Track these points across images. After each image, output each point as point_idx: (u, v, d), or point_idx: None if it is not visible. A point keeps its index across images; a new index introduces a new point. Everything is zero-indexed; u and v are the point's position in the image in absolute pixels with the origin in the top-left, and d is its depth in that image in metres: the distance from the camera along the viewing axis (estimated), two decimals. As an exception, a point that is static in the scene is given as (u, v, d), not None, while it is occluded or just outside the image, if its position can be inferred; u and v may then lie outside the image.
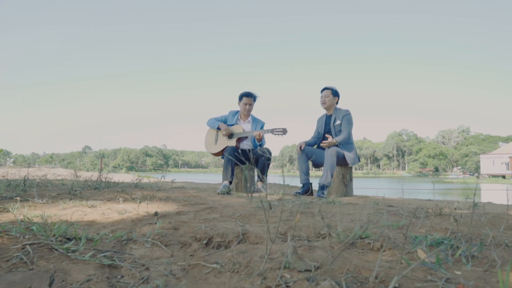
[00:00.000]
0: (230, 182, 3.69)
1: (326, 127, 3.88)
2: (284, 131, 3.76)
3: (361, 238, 1.44)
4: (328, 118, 3.90)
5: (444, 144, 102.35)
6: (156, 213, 2.06)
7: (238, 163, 3.98)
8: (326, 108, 3.88)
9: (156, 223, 1.87)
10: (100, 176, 3.65)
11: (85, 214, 2.11)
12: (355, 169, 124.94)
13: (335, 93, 3.86)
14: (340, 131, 3.70)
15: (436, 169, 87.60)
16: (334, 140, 3.60)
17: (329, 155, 3.46)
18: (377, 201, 3.25)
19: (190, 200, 2.80)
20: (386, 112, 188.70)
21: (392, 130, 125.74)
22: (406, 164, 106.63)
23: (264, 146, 4.12)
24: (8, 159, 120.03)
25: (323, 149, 3.69)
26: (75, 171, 4.40)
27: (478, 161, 70.33)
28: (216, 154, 4.06)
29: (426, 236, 1.42)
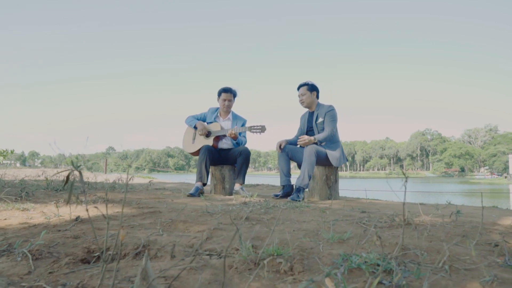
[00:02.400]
0: (204, 184, 3.43)
1: (309, 125, 3.56)
2: (262, 129, 3.47)
3: (273, 256, 1.15)
4: (310, 115, 3.57)
5: (471, 144, 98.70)
6: (77, 218, 1.83)
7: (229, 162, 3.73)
8: (307, 107, 3.55)
9: (67, 230, 1.64)
10: (69, 175, 3.46)
11: (5, 219, 1.91)
12: (378, 169, 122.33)
13: (312, 88, 3.52)
14: (323, 129, 3.37)
15: (462, 169, 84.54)
16: (312, 138, 3.27)
17: (307, 154, 3.13)
18: (359, 205, 2.92)
19: (144, 203, 2.56)
20: (410, 112, 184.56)
21: (416, 130, 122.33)
22: (431, 164, 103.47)
23: (245, 145, 3.85)
24: (36, 159, 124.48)
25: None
26: (42, 172, 4.24)
27: (507, 161, 67.39)
28: (193, 154, 3.81)
29: (351, 255, 1.11)
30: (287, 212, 2.22)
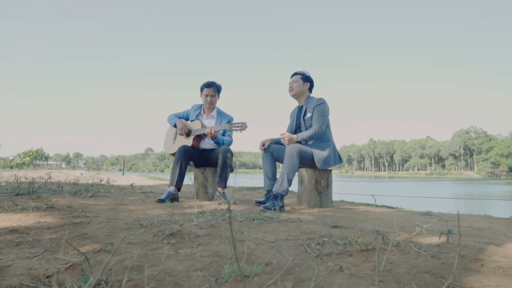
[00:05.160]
0: (179, 189, 3.08)
1: (297, 121, 3.11)
2: (243, 126, 3.07)
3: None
4: (300, 110, 3.12)
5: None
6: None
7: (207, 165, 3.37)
8: (295, 96, 3.10)
9: None
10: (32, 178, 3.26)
11: None
12: (418, 169, 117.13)
13: (306, 78, 3.07)
14: (311, 125, 2.92)
15: (511, 169, 78.80)
16: (294, 136, 2.83)
17: (288, 155, 2.69)
18: (347, 215, 2.44)
19: (90, 210, 2.26)
20: (452, 110, 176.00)
21: (459, 128, 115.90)
22: (475, 164, 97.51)
23: (231, 145, 3.46)
24: (80, 160, 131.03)
25: None
26: (12, 178, 4.08)
27: None
28: (174, 155, 3.48)
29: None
30: (237, 226, 1.81)
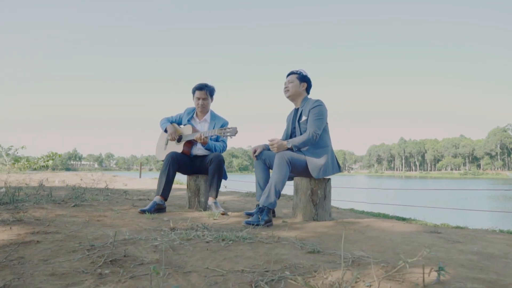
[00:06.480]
0: (165, 198, 2.90)
1: (293, 125, 2.84)
2: (233, 131, 2.84)
3: None
4: (295, 113, 2.85)
5: None
6: None
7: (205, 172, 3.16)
8: (290, 98, 2.82)
9: None
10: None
11: None
12: (451, 169, 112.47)
13: (303, 78, 2.78)
14: (306, 130, 2.64)
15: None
16: (284, 142, 2.56)
17: (277, 164, 2.42)
18: (339, 232, 2.16)
19: (58, 224, 2.10)
20: (486, 107, 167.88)
21: (495, 126, 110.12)
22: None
23: (224, 151, 3.24)
24: (111, 161, 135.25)
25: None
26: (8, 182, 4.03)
27: None
28: (165, 161, 3.30)
29: None
30: (199, 249, 1.59)
